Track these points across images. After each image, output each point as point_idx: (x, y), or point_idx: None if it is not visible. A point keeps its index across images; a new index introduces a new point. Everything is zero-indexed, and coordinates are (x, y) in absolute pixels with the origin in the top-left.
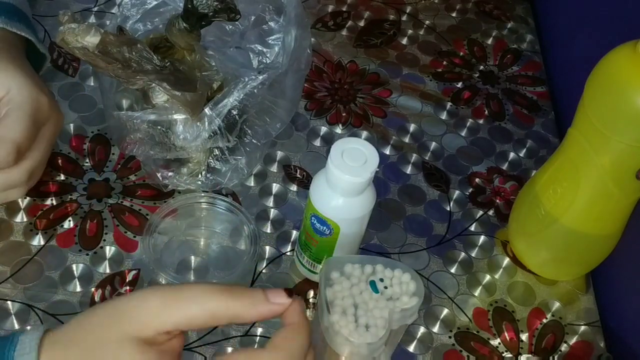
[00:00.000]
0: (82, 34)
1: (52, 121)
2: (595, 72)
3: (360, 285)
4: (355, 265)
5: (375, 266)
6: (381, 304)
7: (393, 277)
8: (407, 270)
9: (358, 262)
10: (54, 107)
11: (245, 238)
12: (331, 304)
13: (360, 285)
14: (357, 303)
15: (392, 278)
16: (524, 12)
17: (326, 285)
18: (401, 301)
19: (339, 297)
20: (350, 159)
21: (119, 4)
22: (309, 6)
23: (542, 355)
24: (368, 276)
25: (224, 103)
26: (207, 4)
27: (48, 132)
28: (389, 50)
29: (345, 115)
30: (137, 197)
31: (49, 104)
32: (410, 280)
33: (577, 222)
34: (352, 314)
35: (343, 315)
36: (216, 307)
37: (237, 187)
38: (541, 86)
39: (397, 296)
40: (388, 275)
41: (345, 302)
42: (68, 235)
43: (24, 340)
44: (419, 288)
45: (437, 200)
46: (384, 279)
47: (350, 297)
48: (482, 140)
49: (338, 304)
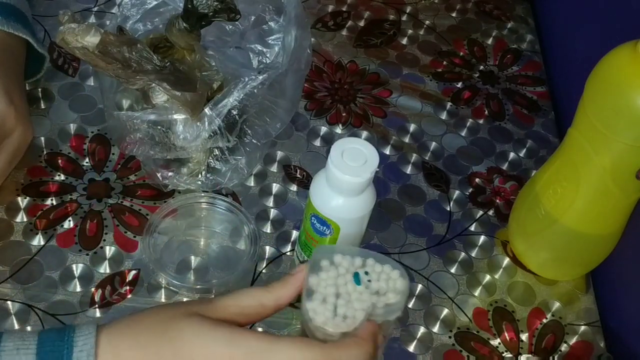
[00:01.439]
0: (82, 34)
1: (17, 134)
2: (595, 72)
3: (346, 276)
4: (345, 256)
5: (366, 259)
6: (364, 297)
7: (381, 272)
8: (397, 267)
9: (349, 253)
10: (21, 119)
11: (245, 238)
12: (313, 290)
13: (347, 277)
14: (340, 293)
15: (380, 273)
16: (524, 12)
17: (312, 271)
18: (386, 297)
19: (322, 285)
20: (350, 159)
21: (119, 4)
22: (309, 6)
23: (542, 355)
24: (357, 268)
25: (224, 103)
26: (207, 4)
27: (10, 145)
28: (389, 50)
29: (345, 115)
30: (137, 197)
31: (15, 116)
32: (398, 277)
33: (577, 222)
34: (332, 303)
35: (322, 303)
36: (261, 296)
37: (237, 187)
38: (541, 86)
39: (383, 291)
40: (377, 269)
41: (327, 290)
42: (68, 235)
43: (81, 327)
44: (406, 286)
45: (437, 200)
46: (371, 273)
47: (334, 287)
48: (482, 140)
49: (320, 291)
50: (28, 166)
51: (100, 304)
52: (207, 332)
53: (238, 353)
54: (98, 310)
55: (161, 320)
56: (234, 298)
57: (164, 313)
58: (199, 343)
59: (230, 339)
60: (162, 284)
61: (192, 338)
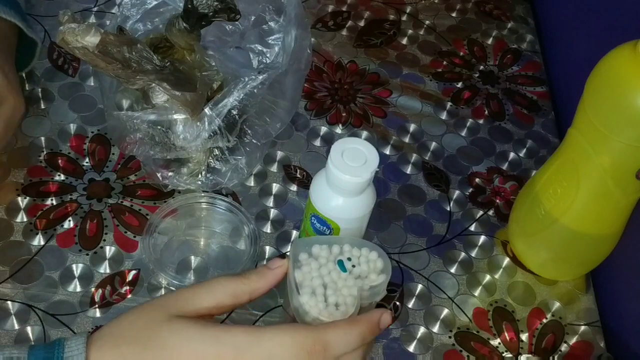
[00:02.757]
0: (82, 34)
1: (10, 103)
2: (595, 72)
3: (328, 265)
4: (322, 246)
5: (342, 246)
6: (350, 282)
7: (360, 256)
8: (374, 248)
9: (325, 243)
10: (13, 91)
11: (245, 238)
12: (300, 285)
13: (329, 266)
14: (326, 283)
15: (359, 257)
16: (524, 12)
17: (295, 267)
18: (369, 279)
19: (307, 278)
20: (350, 159)
21: (119, 4)
22: (309, 6)
23: (542, 355)
24: (336, 256)
25: (224, 103)
26: (207, 4)
27: (3, 113)
28: (389, 50)
29: (345, 115)
30: (137, 197)
31: (7, 86)
32: (377, 258)
33: (577, 222)
34: (321, 294)
35: (312, 296)
36: (235, 287)
37: (237, 187)
38: (541, 86)
39: (365, 274)
40: (355, 254)
41: (314, 282)
42: (68, 235)
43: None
44: (387, 265)
45: (437, 200)
46: (351, 257)
47: (319, 278)
48: (482, 140)
49: (307, 284)
50: (28, 166)
51: (100, 304)
52: (192, 336)
53: (227, 350)
54: (98, 310)
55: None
56: (209, 291)
57: (142, 319)
58: (186, 347)
59: (217, 337)
60: (162, 284)
61: (179, 343)
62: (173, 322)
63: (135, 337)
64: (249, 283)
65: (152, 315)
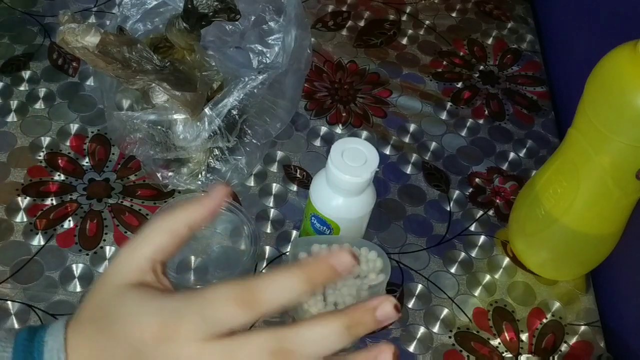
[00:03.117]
0: (82, 34)
1: None
2: (595, 72)
3: None
4: (322, 246)
5: (342, 246)
6: (349, 282)
7: (360, 256)
8: (374, 247)
9: (325, 242)
10: None
11: (245, 238)
12: None
13: None
14: None
15: (359, 256)
16: (524, 12)
17: None
18: (369, 278)
19: None
20: (350, 159)
21: (119, 4)
22: (309, 6)
23: (542, 355)
24: None
25: (224, 103)
26: (207, 4)
27: None
28: (389, 50)
29: (345, 115)
30: (137, 197)
31: None
32: (377, 257)
33: (577, 222)
34: (320, 293)
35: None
36: (173, 223)
37: (237, 187)
38: (541, 86)
39: (364, 274)
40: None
41: None
42: (68, 235)
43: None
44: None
45: (437, 200)
46: None
47: None
48: (482, 140)
49: None
50: (28, 166)
51: None
52: (135, 309)
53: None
54: None
55: (99, 304)
56: (143, 238)
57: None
58: (130, 321)
59: (159, 307)
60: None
61: (123, 319)
62: (122, 294)
63: (94, 314)
64: (189, 212)
65: (102, 293)
